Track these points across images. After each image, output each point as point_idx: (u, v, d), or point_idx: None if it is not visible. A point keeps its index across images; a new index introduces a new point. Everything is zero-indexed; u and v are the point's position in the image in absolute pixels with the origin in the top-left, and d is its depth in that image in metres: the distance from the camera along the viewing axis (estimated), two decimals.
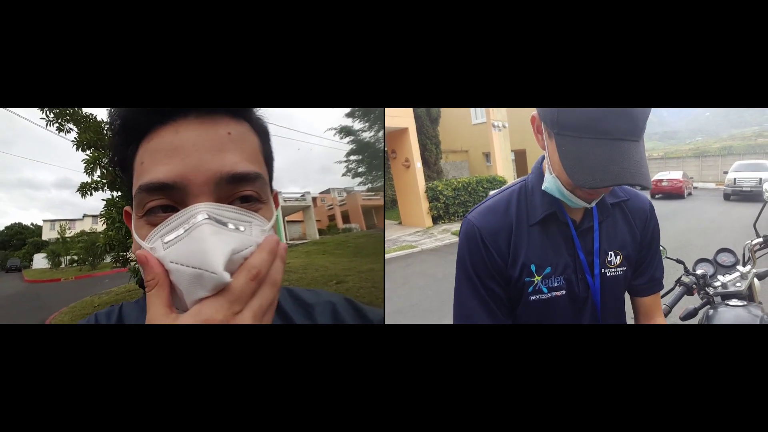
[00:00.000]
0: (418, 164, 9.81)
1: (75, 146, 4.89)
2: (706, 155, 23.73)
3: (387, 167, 11.07)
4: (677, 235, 7.31)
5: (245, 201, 0.51)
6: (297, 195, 20.63)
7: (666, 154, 28.25)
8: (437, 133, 12.17)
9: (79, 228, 28.42)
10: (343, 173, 16.22)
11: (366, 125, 14.37)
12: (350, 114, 14.26)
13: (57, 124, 4.95)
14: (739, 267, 1.54)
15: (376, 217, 23.15)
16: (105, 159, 4.72)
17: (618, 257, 0.90)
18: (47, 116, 4.91)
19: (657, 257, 0.97)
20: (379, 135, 14.07)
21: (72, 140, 4.92)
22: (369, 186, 16.74)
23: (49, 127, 4.98)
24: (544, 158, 0.87)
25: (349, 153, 15.38)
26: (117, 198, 4.70)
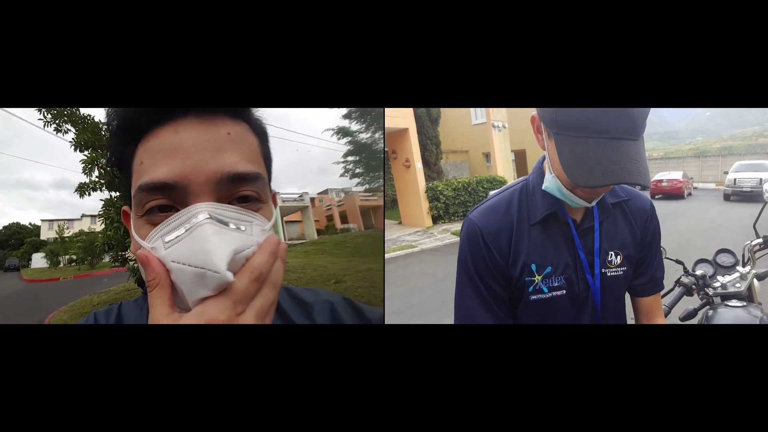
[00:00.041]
0: (419, 164, 9.83)
1: (73, 147, 4.88)
2: (707, 155, 23.78)
3: (387, 167, 11.07)
4: (677, 236, 7.32)
5: (245, 201, 0.51)
6: (295, 195, 20.62)
7: (666, 154, 28.30)
8: (437, 134, 12.17)
9: (78, 228, 28.43)
10: (341, 174, 16.25)
11: (363, 126, 14.39)
12: (347, 115, 14.26)
13: (55, 125, 4.94)
14: (739, 267, 1.54)
15: (374, 218, 23.16)
16: (103, 159, 4.71)
17: (618, 257, 0.90)
18: (45, 117, 4.90)
19: (657, 257, 0.97)
20: (377, 136, 14.08)
21: (70, 141, 4.91)
22: (367, 186, 16.74)
23: (47, 128, 4.97)
24: (545, 158, 0.87)
25: (347, 154, 15.39)
26: (115, 198, 4.70)
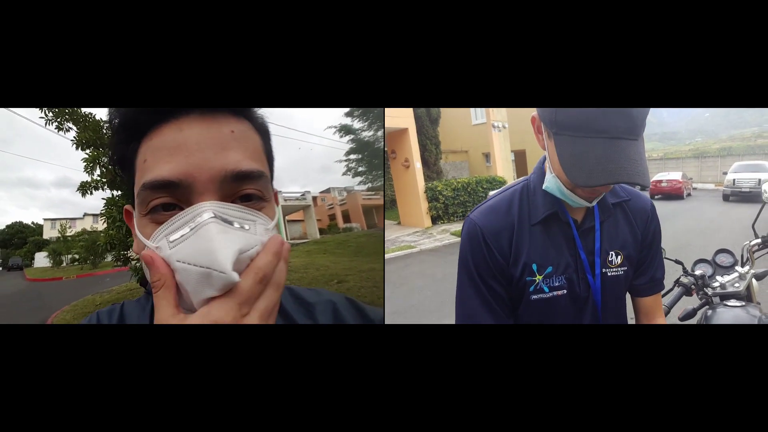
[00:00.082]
0: (418, 164, 9.78)
1: (74, 145, 4.89)
2: (706, 156, 23.76)
3: (387, 167, 11.04)
4: (676, 236, 7.31)
5: (248, 199, 0.51)
6: (297, 194, 20.50)
7: (665, 155, 28.29)
8: (437, 134, 12.14)
9: (80, 227, 28.44)
10: (344, 172, 16.13)
11: (366, 124, 14.28)
12: (350, 113, 14.14)
13: (56, 123, 4.95)
14: (738, 267, 1.54)
15: (377, 217, 23.03)
16: (104, 158, 4.72)
17: (619, 257, 0.90)
18: (46, 115, 4.91)
19: (658, 257, 0.97)
20: (379, 134, 13.99)
21: (71, 139, 4.92)
22: (369, 185, 16.65)
23: (49, 126, 4.98)
24: (546, 158, 0.87)
25: (349, 152, 15.29)
26: (117, 197, 4.70)
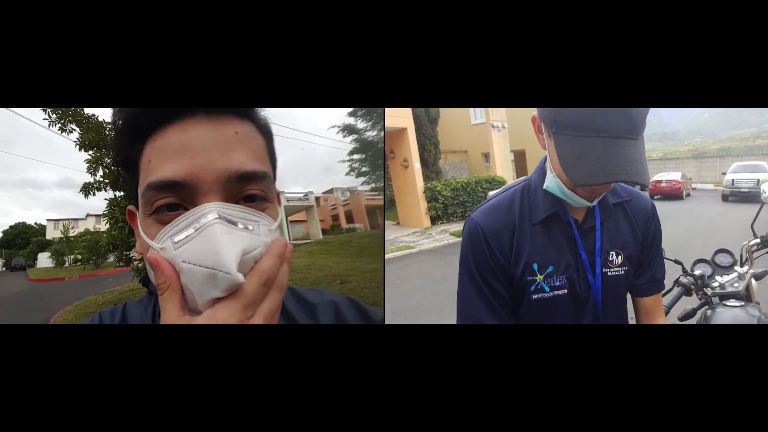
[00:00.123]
0: (417, 164, 9.71)
1: (77, 146, 4.90)
2: (705, 156, 23.74)
3: (386, 167, 10.99)
4: (676, 236, 7.30)
5: (251, 200, 0.52)
6: (300, 195, 20.34)
7: (665, 155, 28.26)
8: (436, 134, 12.06)
9: (83, 227, 28.40)
10: (347, 173, 15.90)
11: (369, 124, 14.09)
12: (353, 113, 13.98)
13: (60, 124, 4.96)
14: (737, 267, 1.54)
15: (380, 217, 22.95)
16: (107, 159, 4.73)
17: (619, 257, 0.90)
18: (50, 116, 4.92)
19: (658, 257, 0.97)
20: (382, 134, 13.92)
21: (74, 140, 4.94)
22: (372, 185, 16.46)
23: (52, 127, 5.00)
24: (547, 158, 0.87)
25: (352, 152, 15.13)
26: (120, 198, 4.72)
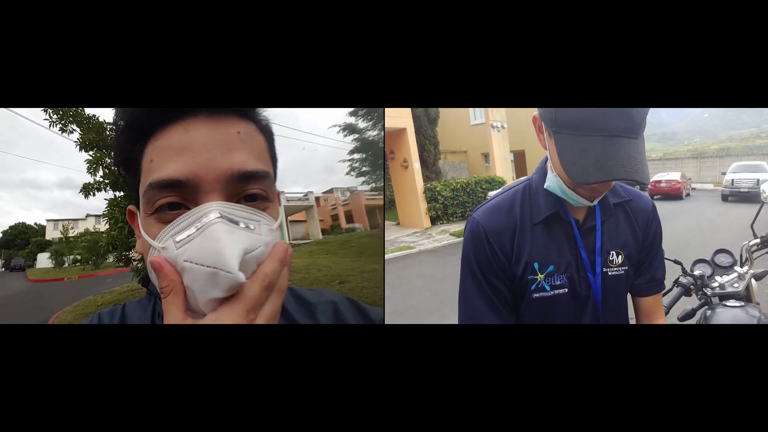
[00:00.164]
0: (416, 165, 9.71)
1: (78, 147, 4.91)
2: (705, 156, 23.77)
3: (386, 167, 10.99)
4: (675, 236, 7.30)
5: (252, 200, 0.52)
6: (300, 195, 20.30)
7: (664, 155, 28.30)
8: (436, 134, 12.06)
9: (82, 227, 28.40)
10: (347, 172, 15.84)
11: (370, 124, 14.07)
12: (354, 112, 13.95)
13: (60, 125, 4.96)
14: (737, 268, 1.55)
15: (380, 217, 22.92)
16: (107, 159, 4.74)
17: (620, 257, 0.90)
18: (50, 117, 4.93)
19: (658, 258, 0.97)
20: (382, 134, 13.89)
21: (75, 141, 4.94)
22: (373, 185, 16.41)
23: (52, 128, 5.00)
24: (548, 158, 0.87)
25: (353, 152, 15.10)
26: (120, 198, 4.72)
